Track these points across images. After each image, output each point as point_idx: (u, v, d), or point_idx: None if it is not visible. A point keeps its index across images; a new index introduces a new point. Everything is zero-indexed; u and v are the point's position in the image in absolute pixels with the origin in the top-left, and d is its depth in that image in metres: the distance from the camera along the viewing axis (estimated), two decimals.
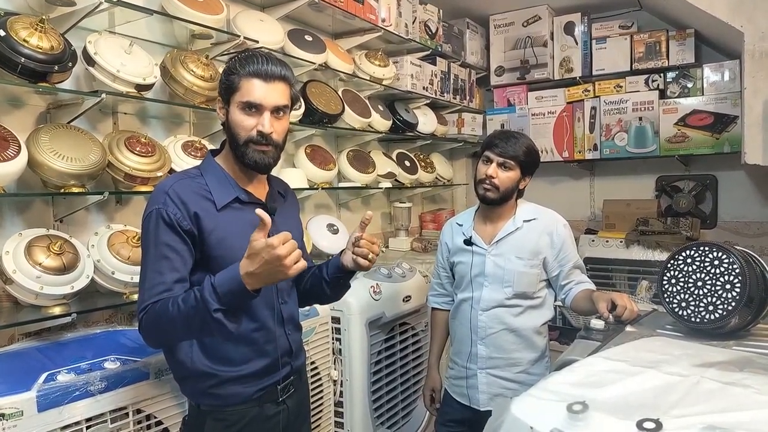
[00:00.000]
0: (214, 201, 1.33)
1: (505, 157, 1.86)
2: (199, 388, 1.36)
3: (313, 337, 2.13)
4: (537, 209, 1.96)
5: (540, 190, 3.97)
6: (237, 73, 1.32)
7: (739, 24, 2.65)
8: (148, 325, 1.24)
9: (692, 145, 3.26)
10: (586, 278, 1.94)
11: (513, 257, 1.88)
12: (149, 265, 1.26)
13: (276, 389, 1.42)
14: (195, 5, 2.01)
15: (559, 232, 1.91)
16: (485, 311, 1.89)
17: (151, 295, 1.23)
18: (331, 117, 2.61)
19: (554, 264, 1.91)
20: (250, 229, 1.33)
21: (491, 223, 1.95)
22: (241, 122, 1.32)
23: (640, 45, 3.45)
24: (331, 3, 2.53)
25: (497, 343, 1.88)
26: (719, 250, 1.30)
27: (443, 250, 2.07)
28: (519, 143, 1.87)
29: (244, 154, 1.33)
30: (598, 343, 1.30)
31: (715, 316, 1.26)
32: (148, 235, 1.28)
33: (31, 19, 1.60)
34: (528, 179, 1.94)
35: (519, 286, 1.87)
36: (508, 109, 3.87)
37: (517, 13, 3.75)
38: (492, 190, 1.86)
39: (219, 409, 1.36)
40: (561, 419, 0.80)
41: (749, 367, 0.98)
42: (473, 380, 1.91)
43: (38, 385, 1.33)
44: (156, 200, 1.29)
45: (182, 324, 1.19)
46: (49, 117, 1.81)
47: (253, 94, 1.31)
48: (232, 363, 1.35)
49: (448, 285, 2.09)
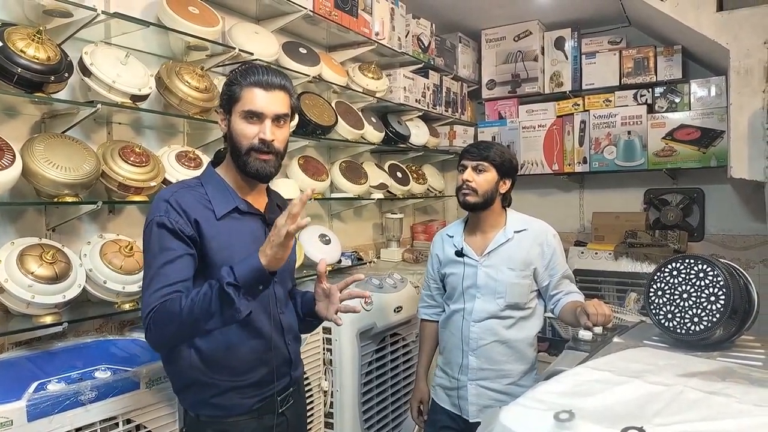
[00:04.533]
0: (214, 210, 1.35)
1: (478, 159, 1.89)
2: (199, 399, 1.36)
3: (304, 347, 2.13)
4: (526, 219, 1.99)
5: (530, 202, 4.03)
6: (238, 83, 1.34)
7: (725, 41, 2.71)
8: (157, 322, 1.22)
9: (680, 159, 3.31)
10: (575, 288, 1.96)
11: (505, 268, 1.90)
12: (155, 270, 1.26)
13: (275, 400, 1.43)
14: (191, 17, 2.04)
15: (549, 242, 1.94)
16: (477, 322, 1.90)
17: (158, 296, 1.23)
18: (324, 128, 2.63)
19: (544, 274, 1.93)
20: (250, 239, 1.36)
21: (481, 233, 1.97)
22: (242, 131, 1.34)
23: (628, 60, 3.52)
24: (326, 16, 2.57)
25: (488, 354, 1.89)
26: (704, 263, 1.33)
27: (434, 262, 2.09)
28: (491, 147, 1.92)
29: (246, 163, 1.35)
30: (586, 353, 1.32)
31: (700, 327, 1.29)
32: (151, 243, 1.29)
33: (29, 29, 1.62)
34: (508, 182, 1.95)
35: (511, 297, 1.89)
36: (499, 122, 3.91)
37: (509, 27, 3.81)
38: (471, 193, 1.89)
39: (219, 420, 1.36)
40: (548, 428, 0.82)
41: (731, 377, 1.01)
42: (463, 391, 1.92)
43: (28, 394, 1.33)
44: (157, 209, 1.30)
45: (192, 313, 1.18)
46: (43, 126, 1.82)
47: (254, 103, 1.33)
48: (232, 372, 1.36)
49: (438, 296, 2.10)
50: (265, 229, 1.43)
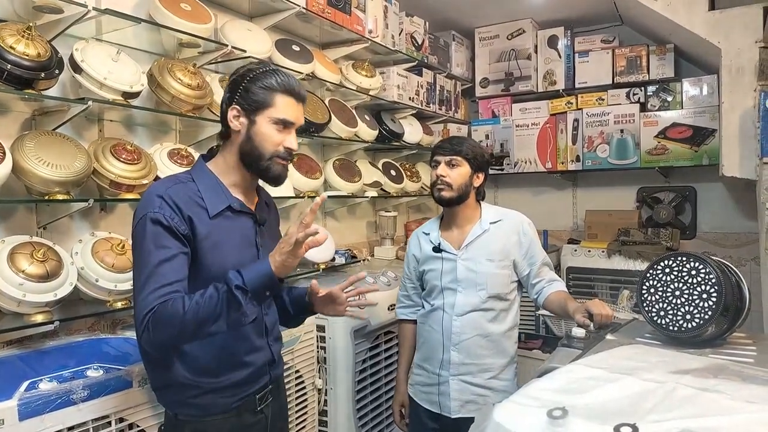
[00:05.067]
0: (207, 208, 1.32)
1: (450, 154, 1.91)
2: (177, 398, 1.34)
3: (298, 345, 2.13)
4: (501, 211, 2.01)
5: (523, 200, 4.05)
6: (271, 88, 1.33)
7: (717, 40, 2.73)
8: (157, 324, 1.17)
9: (672, 157, 3.33)
10: (555, 275, 1.98)
11: (484, 260, 1.91)
12: (150, 269, 1.21)
13: (254, 399, 1.42)
14: (183, 14, 2.02)
15: (526, 231, 1.96)
16: (460, 316, 1.91)
17: (156, 297, 1.19)
18: (317, 126, 2.62)
19: (524, 263, 1.94)
20: (241, 238, 1.35)
21: (457, 227, 1.98)
22: (270, 136, 1.34)
23: (621, 59, 3.53)
24: (319, 14, 2.56)
25: (470, 349, 1.90)
26: (696, 260, 1.33)
27: (410, 262, 2.09)
28: (463, 142, 1.94)
29: (269, 168, 1.36)
30: (579, 351, 1.33)
31: (693, 324, 1.29)
32: (145, 239, 1.24)
33: (18, 26, 1.60)
34: (481, 176, 1.96)
35: (493, 288, 1.90)
36: (493, 120, 3.92)
37: (502, 26, 3.81)
38: (446, 188, 1.91)
39: (198, 419, 1.35)
40: (542, 425, 0.82)
41: (723, 374, 1.01)
42: (444, 387, 1.92)
43: (19, 393, 1.32)
44: (150, 204, 1.26)
45: (197, 315, 1.16)
46: (34, 123, 1.81)
47: (288, 113, 1.35)
48: (213, 374, 1.34)
49: (415, 296, 2.10)
50: (256, 228, 1.42)
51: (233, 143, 1.37)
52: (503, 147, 3.87)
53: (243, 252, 1.36)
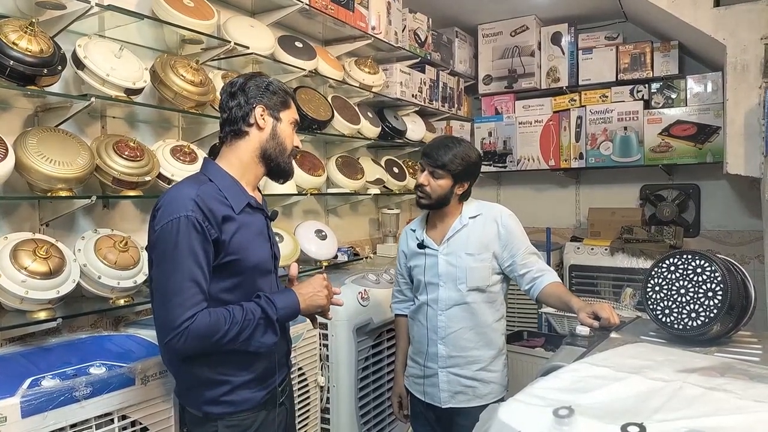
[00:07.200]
0: (232, 206, 1.36)
1: (434, 166, 1.90)
2: (209, 397, 1.36)
3: (301, 343, 2.13)
4: (481, 205, 2.00)
5: (526, 197, 4.04)
6: (285, 91, 1.49)
7: (722, 37, 2.71)
8: (198, 333, 1.24)
9: (676, 154, 3.32)
10: (545, 265, 1.95)
11: (463, 254, 1.91)
12: (185, 273, 1.24)
13: (277, 391, 1.47)
14: (186, 10, 2.01)
15: (504, 221, 1.93)
16: (444, 311, 1.92)
17: (192, 303, 1.24)
18: (320, 123, 2.61)
19: (504, 254, 1.92)
20: (260, 233, 1.44)
21: (440, 224, 1.99)
22: (290, 135, 1.50)
23: (625, 56, 3.51)
24: (322, 10, 2.55)
25: (456, 342, 1.91)
26: (702, 258, 1.32)
27: (401, 257, 2.11)
28: (451, 153, 1.89)
29: (287, 163, 1.50)
30: (584, 349, 1.32)
31: (698, 323, 1.29)
32: (177, 241, 1.25)
33: (21, 22, 1.59)
34: (466, 184, 1.95)
35: (472, 282, 1.90)
36: (496, 117, 3.91)
37: (506, 23, 3.80)
38: (424, 197, 1.93)
39: (230, 416, 1.37)
40: (547, 424, 0.82)
41: (730, 373, 1.00)
42: (434, 379, 1.94)
43: (22, 390, 1.32)
44: (183, 206, 1.27)
45: (238, 330, 1.29)
46: (37, 120, 1.80)
47: (297, 116, 1.53)
48: (240, 367, 1.37)
49: (407, 291, 2.11)
50: (267, 223, 1.50)
51: (250, 141, 1.44)
52: (506, 144, 3.85)
53: (263, 246, 1.44)
